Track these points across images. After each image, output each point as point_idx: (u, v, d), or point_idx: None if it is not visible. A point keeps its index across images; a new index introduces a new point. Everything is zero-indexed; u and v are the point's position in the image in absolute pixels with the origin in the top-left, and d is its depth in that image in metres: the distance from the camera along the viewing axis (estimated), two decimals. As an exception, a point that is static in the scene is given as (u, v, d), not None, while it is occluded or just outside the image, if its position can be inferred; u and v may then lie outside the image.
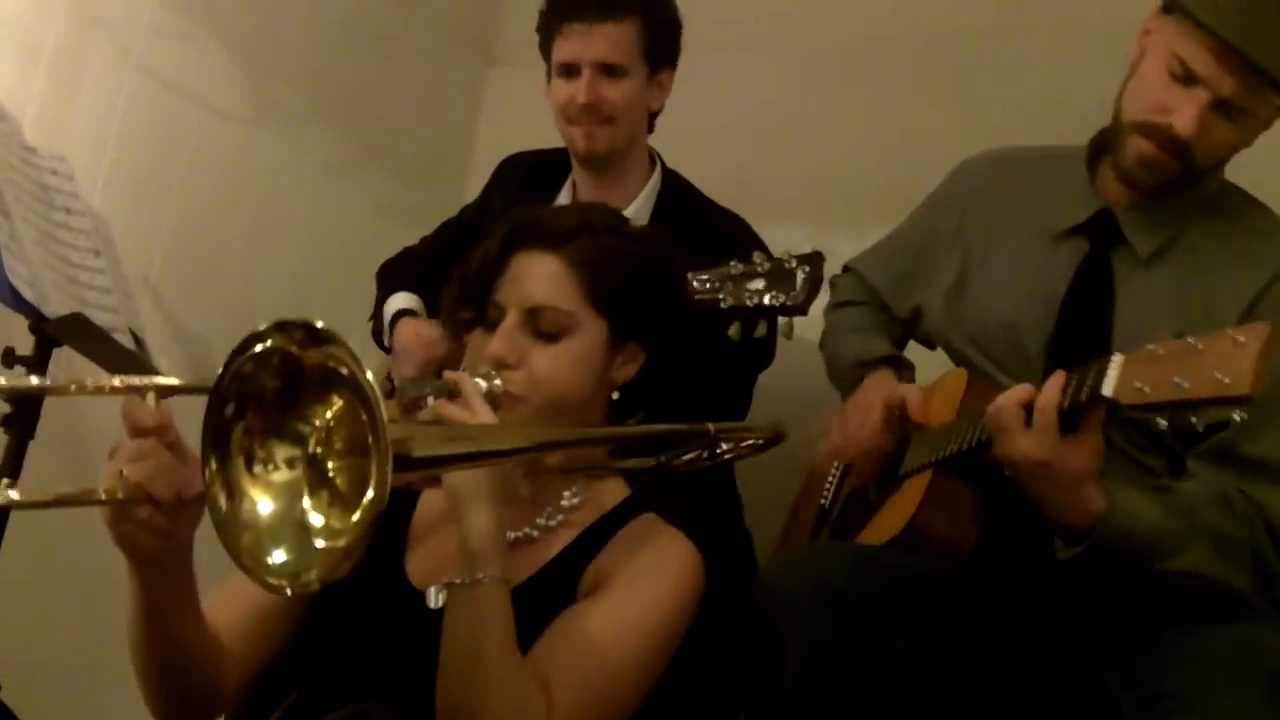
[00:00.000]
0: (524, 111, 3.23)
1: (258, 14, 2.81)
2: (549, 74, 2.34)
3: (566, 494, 1.56)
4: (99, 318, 2.06)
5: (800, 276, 1.82)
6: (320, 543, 1.19)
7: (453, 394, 1.42)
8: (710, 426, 1.62)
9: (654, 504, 1.56)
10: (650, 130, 2.38)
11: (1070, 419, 1.49)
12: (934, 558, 1.72)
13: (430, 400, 1.43)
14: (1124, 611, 1.66)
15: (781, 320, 1.88)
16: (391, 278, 2.47)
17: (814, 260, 1.83)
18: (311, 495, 1.21)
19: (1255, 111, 1.70)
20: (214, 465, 1.20)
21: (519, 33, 3.37)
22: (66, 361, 2.10)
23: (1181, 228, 1.77)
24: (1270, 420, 1.59)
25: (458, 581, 1.34)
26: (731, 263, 1.87)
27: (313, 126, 2.95)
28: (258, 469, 1.21)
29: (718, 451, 1.66)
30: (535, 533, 1.53)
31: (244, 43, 2.78)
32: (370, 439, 1.12)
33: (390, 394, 1.39)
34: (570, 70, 2.27)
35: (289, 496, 1.21)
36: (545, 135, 2.58)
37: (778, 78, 2.81)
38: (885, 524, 1.82)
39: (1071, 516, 1.54)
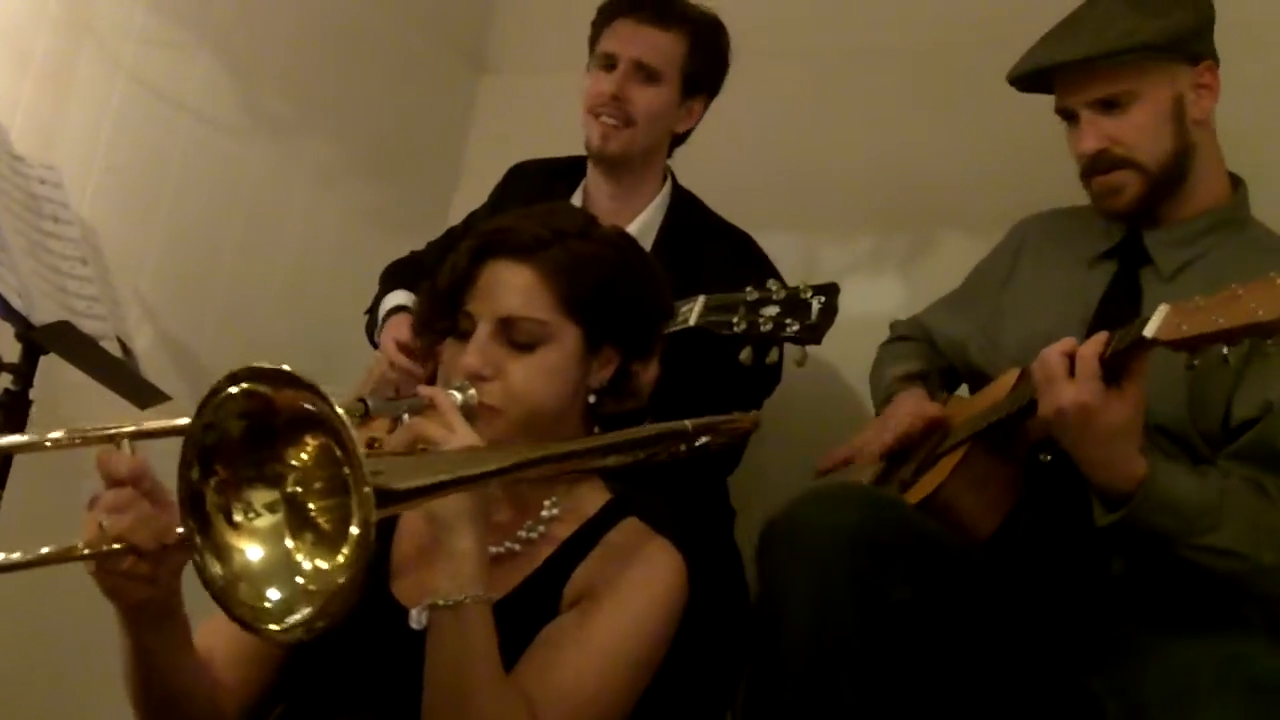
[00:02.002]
0: (515, 120, 3.25)
1: (249, 22, 2.80)
2: (591, 67, 2.36)
3: (546, 504, 1.55)
4: (87, 326, 2.06)
5: (816, 306, 1.82)
6: (304, 583, 1.18)
7: (429, 409, 1.40)
8: (688, 424, 1.61)
9: (635, 508, 1.55)
10: (669, 155, 2.39)
11: (1113, 369, 1.54)
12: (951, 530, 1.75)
13: (406, 417, 1.42)
14: (1110, 618, 1.68)
15: (795, 349, 1.87)
16: (395, 277, 2.48)
17: (830, 291, 1.83)
18: (295, 538, 1.20)
19: (1138, 88, 1.82)
20: (197, 538, 1.19)
21: (510, 41, 3.40)
22: (54, 370, 2.10)
23: (1205, 249, 1.84)
24: None
25: (440, 603, 1.33)
26: (747, 289, 1.87)
27: (304, 135, 2.95)
28: (239, 518, 1.20)
29: (696, 445, 1.65)
30: (517, 546, 1.52)
31: (235, 51, 2.78)
32: (349, 476, 1.11)
33: (365, 415, 1.37)
34: (608, 62, 2.29)
35: (276, 538, 1.20)
36: (537, 143, 2.58)
37: (768, 87, 2.81)
38: (913, 496, 1.85)
39: (1112, 476, 1.57)
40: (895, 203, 2.72)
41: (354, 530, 1.12)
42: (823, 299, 1.81)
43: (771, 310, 1.83)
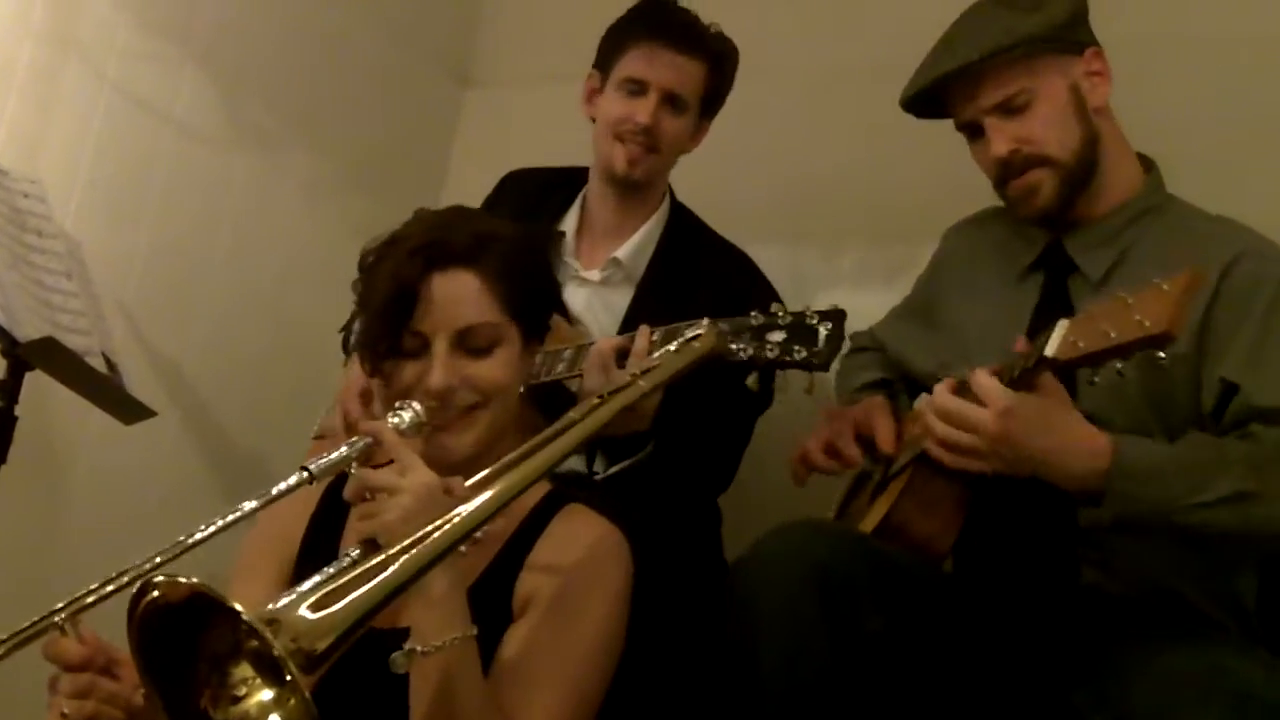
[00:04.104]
0: (500, 133, 3.25)
1: (234, 36, 2.80)
2: (601, 83, 2.32)
3: None
4: (71, 341, 2.05)
5: (823, 333, 1.80)
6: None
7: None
8: (643, 384, 1.60)
9: (574, 496, 1.59)
10: None
11: (1020, 387, 1.55)
12: (913, 554, 1.75)
13: (354, 467, 1.39)
14: (1093, 631, 1.67)
15: (803, 376, 1.85)
16: None
17: (836, 318, 1.82)
18: (273, 688, 1.16)
19: (1032, 85, 1.82)
20: None
21: (494, 55, 3.40)
22: (39, 387, 2.09)
23: (1128, 244, 1.83)
24: (1273, 370, 1.65)
25: (419, 649, 1.31)
26: (752, 314, 1.85)
27: (289, 149, 2.95)
28: (240, 693, 1.16)
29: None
30: (463, 548, 1.52)
31: (220, 64, 2.78)
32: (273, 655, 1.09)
33: (311, 481, 1.38)
34: (637, 88, 2.26)
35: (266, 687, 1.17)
36: (521, 157, 2.58)
37: (758, 102, 2.81)
38: (867, 524, 1.84)
39: (1077, 457, 1.55)
40: (877, 215, 2.73)
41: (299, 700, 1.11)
42: (829, 325, 1.80)
43: (777, 336, 1.82)
